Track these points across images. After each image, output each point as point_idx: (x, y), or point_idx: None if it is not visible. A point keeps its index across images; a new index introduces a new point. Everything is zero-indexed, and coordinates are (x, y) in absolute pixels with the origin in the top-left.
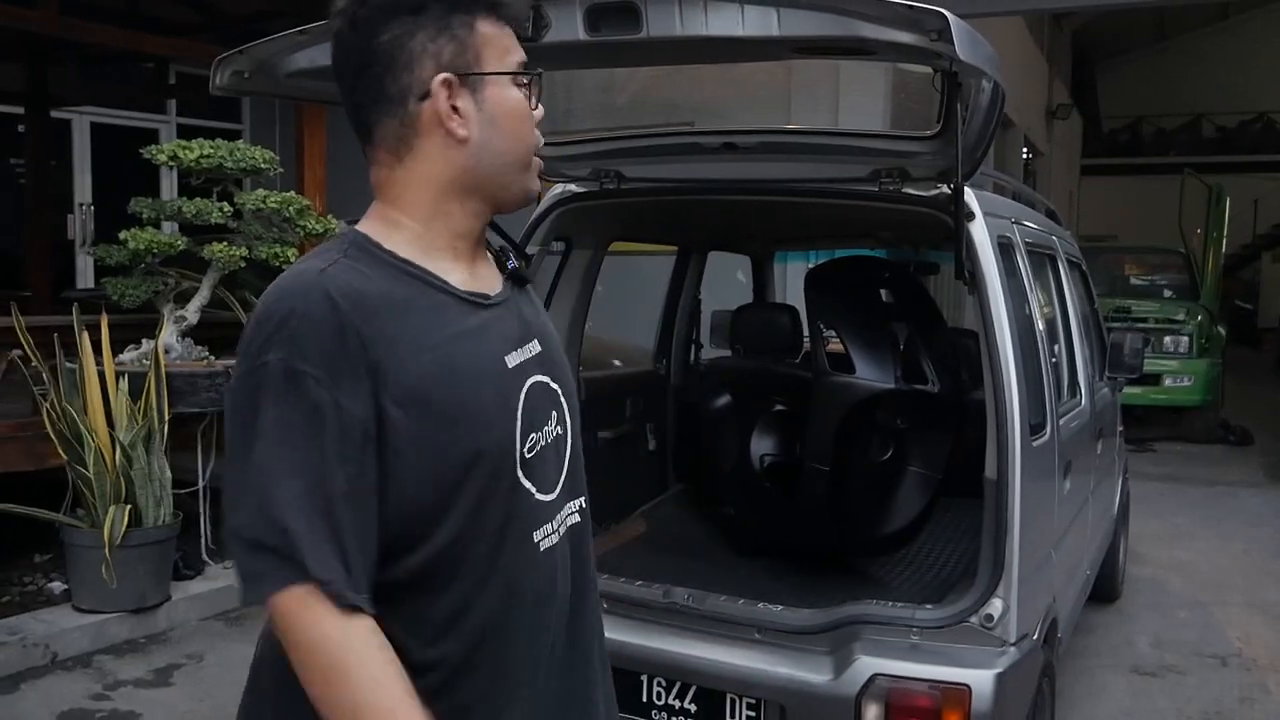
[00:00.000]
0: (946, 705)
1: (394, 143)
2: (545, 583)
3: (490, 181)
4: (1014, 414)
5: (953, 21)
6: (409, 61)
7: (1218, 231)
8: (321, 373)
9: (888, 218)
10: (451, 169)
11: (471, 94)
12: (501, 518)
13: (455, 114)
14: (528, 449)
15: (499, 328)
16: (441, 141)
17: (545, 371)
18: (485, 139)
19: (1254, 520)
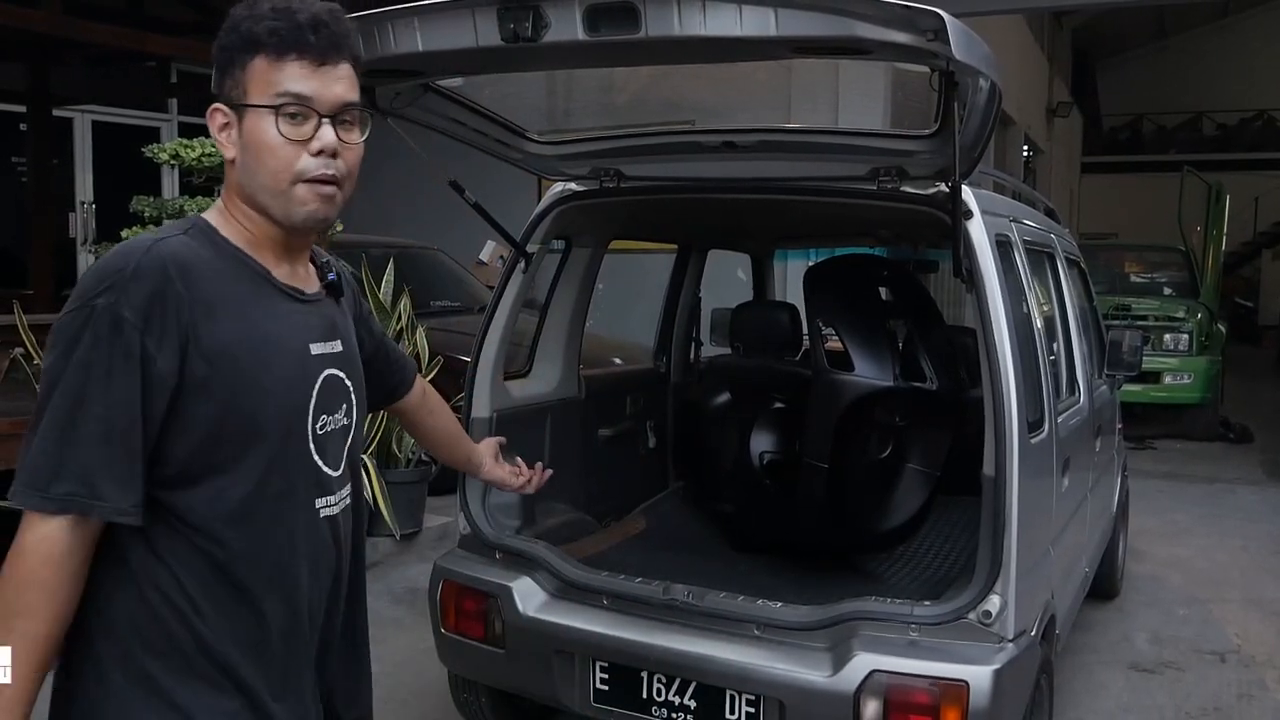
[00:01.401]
0: (945, 701)
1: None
2: (323, 546)
3: (254, 200)
4: (1012, 411)
5: (949, 21)
6: (217, 91)
7: (1217, 229)
8: (140, 321)
9: (886, 216)
10: (234, 183)
11: (238, 122)
12: (291, 477)
13: (225, 136)
14: (319, 427)
15: (308, 320)
16: (228, 160)
17: (342, 369)
18: (244, 162)
19: (1253, 517)
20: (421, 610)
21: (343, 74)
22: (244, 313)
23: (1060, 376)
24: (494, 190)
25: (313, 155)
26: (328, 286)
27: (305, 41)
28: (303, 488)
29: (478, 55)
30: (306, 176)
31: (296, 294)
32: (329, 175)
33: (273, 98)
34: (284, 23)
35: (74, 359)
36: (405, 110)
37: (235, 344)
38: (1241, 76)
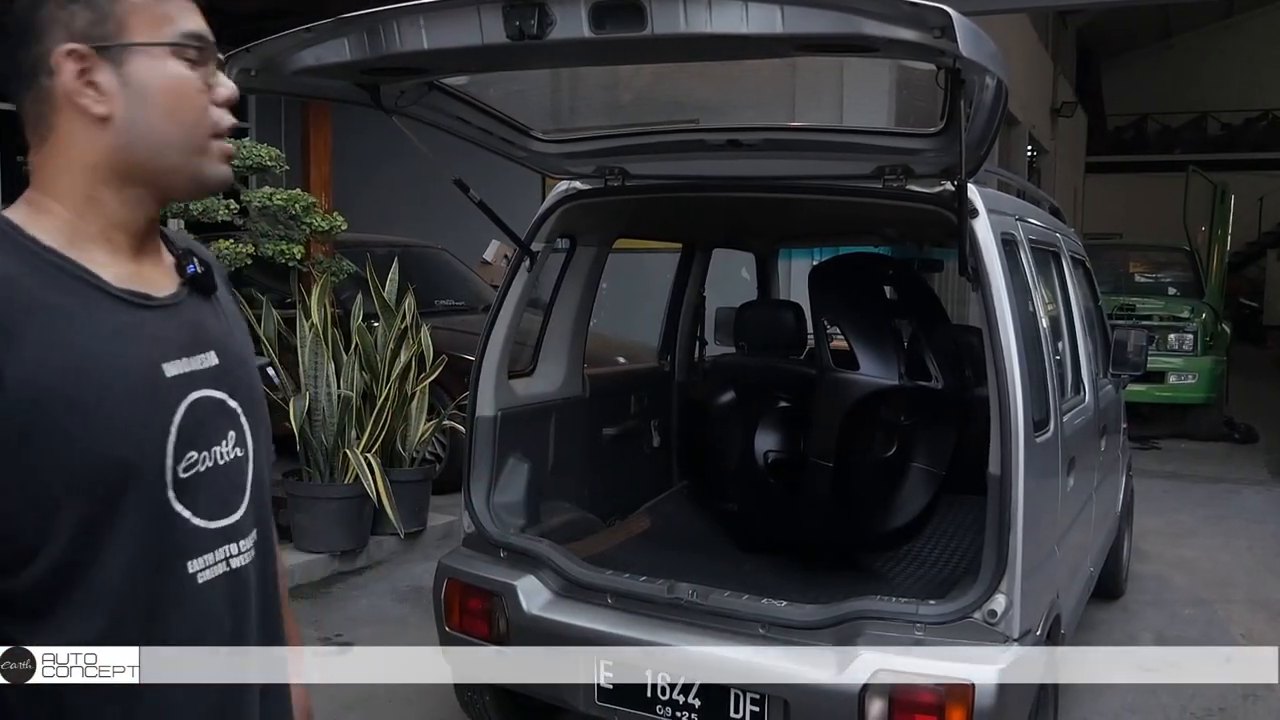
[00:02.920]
0: (950, 701)
1: (34, 122)
2: (203, 619)
3: (148, 165)
4: (1017, 410)
5: (956, 18)
6: (39, 32)
7: (1222, 229)
8: None
9: (892, 215)
10: (95, 151)
11: (115, 67)
12: (141, 542)
13: (91, 89)
14: (183, 468)
15: (159, 332)
16: (80, 121)
17: (222, 387)
18: (133, 117)
19: (1258, 518)
20: (425, 609)
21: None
22: (60, 338)
23: (1065, 376)
24: (498, 189)
25: (218, 105)
26: (190, 282)
27: None
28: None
29: (483, 53)
30: (220, 130)
31: (139, 300)
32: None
33: (175, 35)
34: None
35: None
36: (410, 109)
37: (49, 380)
38: (1246, 76)
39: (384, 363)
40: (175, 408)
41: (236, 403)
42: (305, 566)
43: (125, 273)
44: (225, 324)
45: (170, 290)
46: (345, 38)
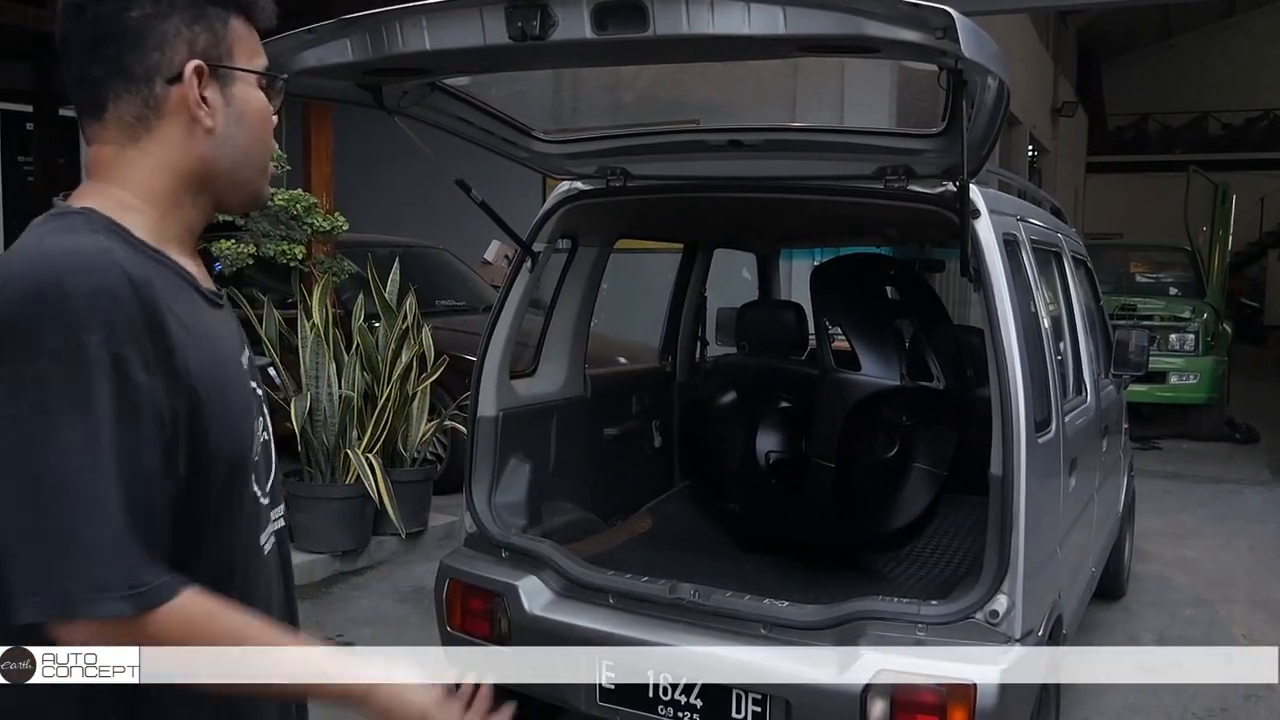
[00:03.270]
0: (952, 701)
1: (131, 122)
2: (266, 588)
3: (226, 178)
4: (1019, 411)
5: (958, 19)
6: (160, 42)
7: (1224, 229)
8: (138, 357)
9: (893, 215)
10: (190, 158)
11: (220, 87)
12: (241, 517)
13: (204, 103)
14: (255, 451)
15: (232, 326)
16: (185, 128)
17: (254, 376)
18: (229, 134)
19: (1259, 518)
20: (427, 609)
21: None
22: (196, 330)
23: (1067, 376)
24: (499, 189)
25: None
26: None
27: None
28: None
29: (485, 54)
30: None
31: (215, 298)
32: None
33: (261, 67)
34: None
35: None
36: (412, 109)
37: (200, 370)
38: (1247, 76)
39: (385, 363)
40: (254, 394)
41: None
42: (306, 566)
43: (196, 272)
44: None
45: (215, 289)
46: (348, 38)
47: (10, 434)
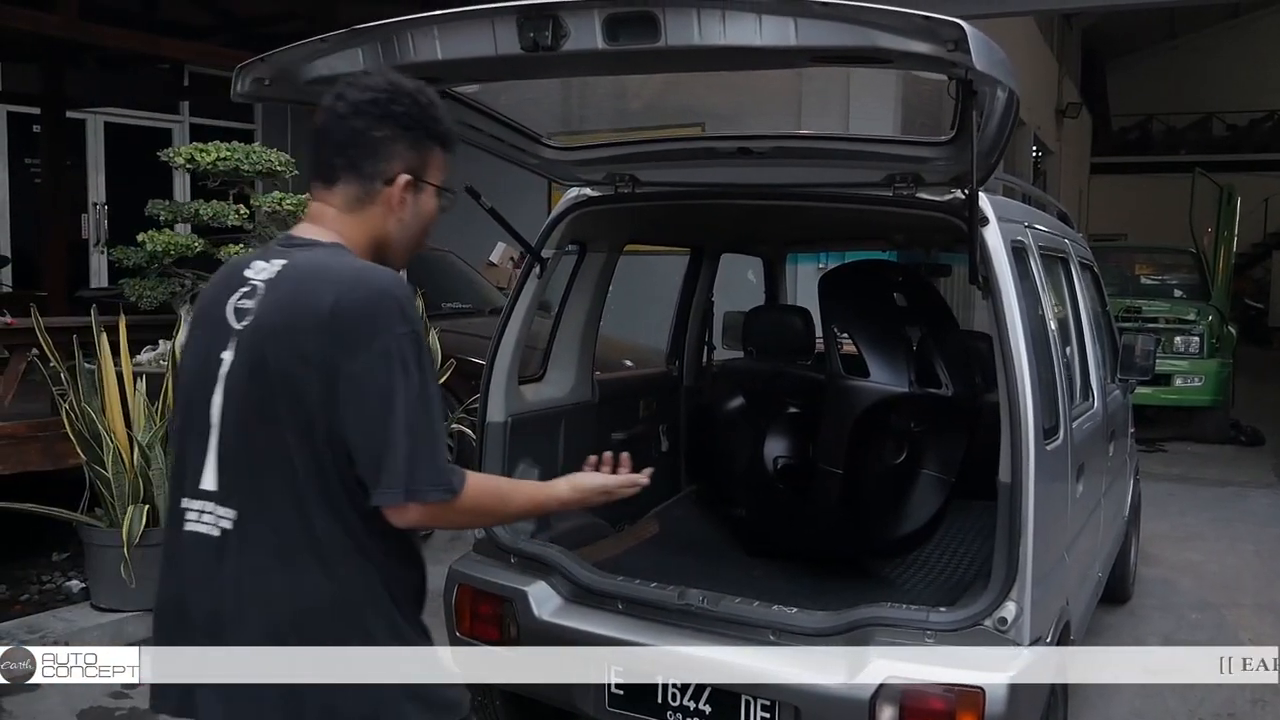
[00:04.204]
0: (960, 708)
1: (351, 199)
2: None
3: (394, 248)
4: (1028, 418)
5: (969, 31)
6: (388, 156)
7: (1229, 231)
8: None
9: (901, 222)
10: (380, 232)
11: (414, 193)
12: None
13: (403, 201)
14: None
15: None
16: (384, 214)
17: None
18: (408, 224)
19: (1265, 521)
20: (434, 613)
21: None
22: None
23: (1074, 382)
24: (503, 194)
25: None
26: None
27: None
28: None
29: (497, 64)
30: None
31: None
32: None
33: (443, 183)
34: (447, 125)
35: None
36: None
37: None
38: (1252, 77)
39: None
40: None
41: None
42: None
43: None
44: None
45: None
46: (359, 48)
47: (378, 382)
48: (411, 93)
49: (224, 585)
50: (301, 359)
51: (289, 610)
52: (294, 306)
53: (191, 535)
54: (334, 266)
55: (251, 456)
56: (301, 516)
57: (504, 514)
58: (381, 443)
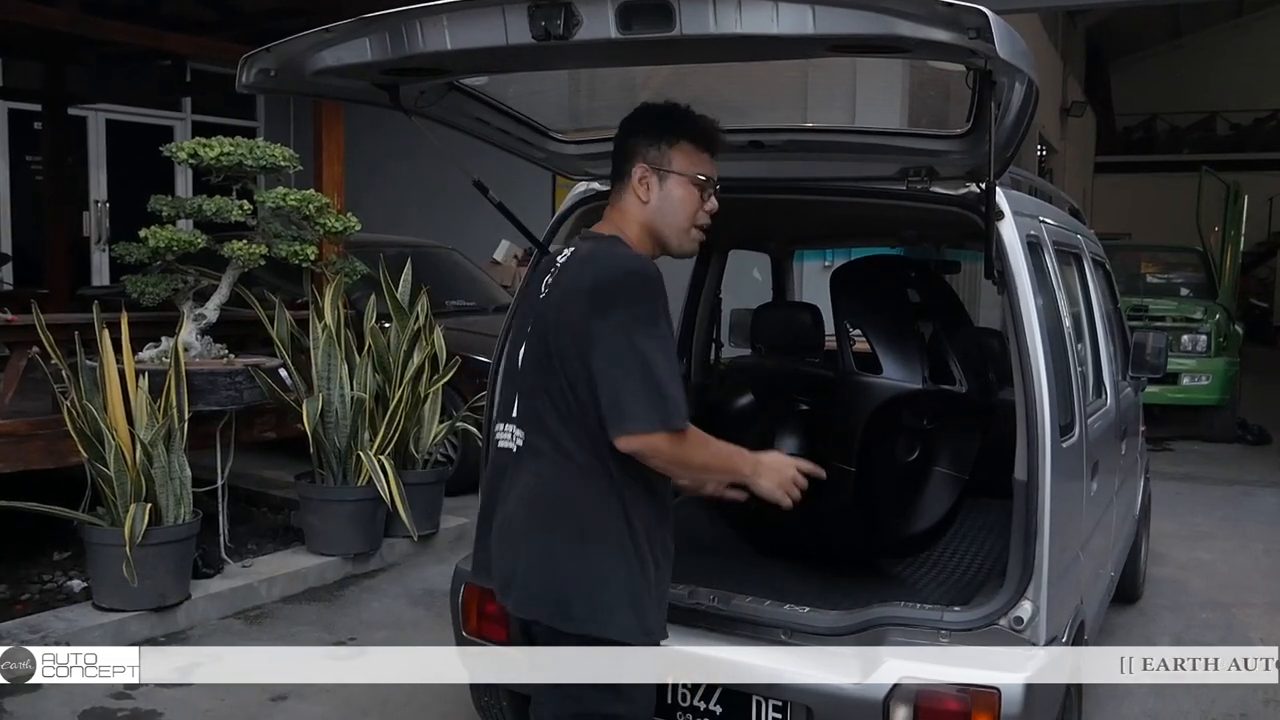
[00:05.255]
0: (976, 709)
1: (618, 194)
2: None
3: (658, 233)
4: (1045, 415)
5: (992, 19)
6: (631, 154)
7: (1235, 229)
8: (665, 309)
9: (914, 216)
10: (640, 217)
11: (659, 180)
12: None
13: (643, 187)
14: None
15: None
16: (635, 200)
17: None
18: (658, 206)
19: (1274, 520)
20: (439, 612)
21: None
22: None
23: (1088, 379)
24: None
25: (705, 212)
26: None
27: (714, 139)
28: None
29: (507, 54)
30: (698, 224)
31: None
32: (707, 224)
33: (694, 173)
34: (705, 127)
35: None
36: (429, 109)
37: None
38: (1256, 76)
39: (397, 364)
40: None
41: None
42: (318, 569)
43: None
44: None
45: None
46: (367, 38)
47: (630, 340)
48: (651, 105)
49: (513, 484)
50: (570, 323)
51: (544, 494)
52: (569, 283)
53: (500, 450)
54: (600, 253)
55: (534, 393)
56: (563, 439)
57: (705, 456)
58: (619, 387)
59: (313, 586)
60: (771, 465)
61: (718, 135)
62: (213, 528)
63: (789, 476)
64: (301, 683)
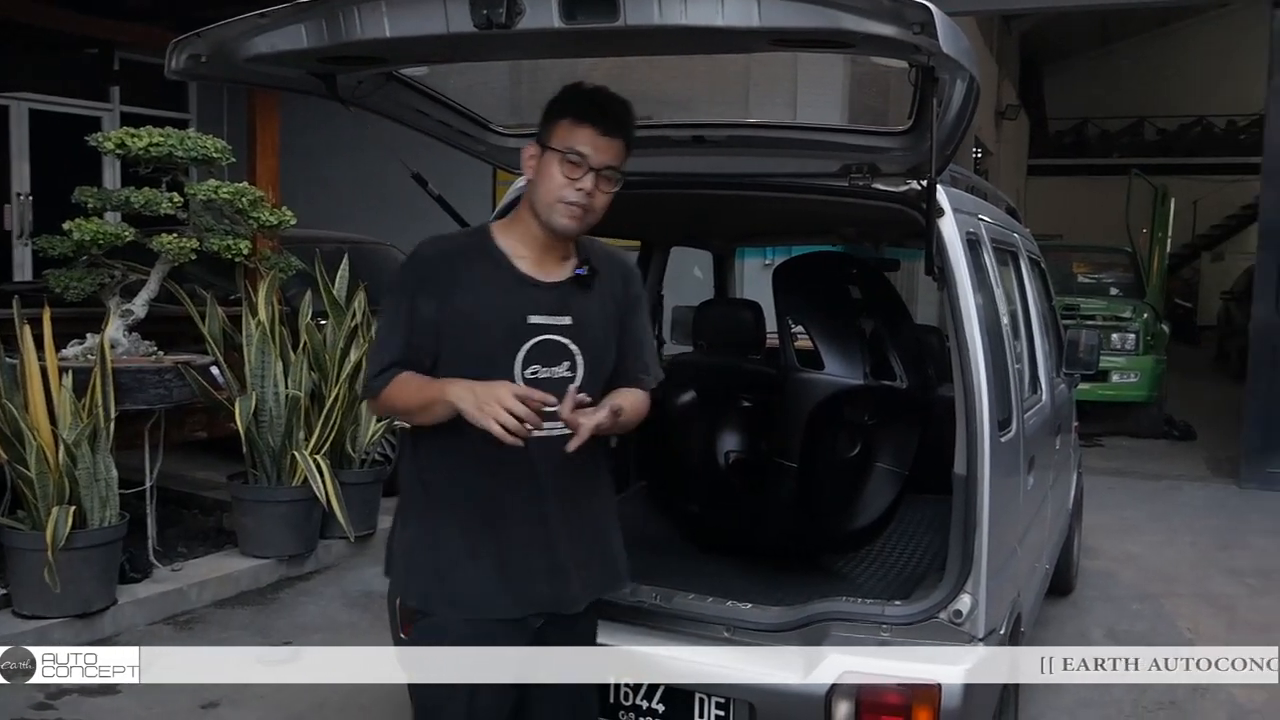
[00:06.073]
0: (916, 702)
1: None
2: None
3: (534, 209)
4: (984, 410)
5: (936, 15)
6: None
7: (1163, 231)
8: (412, 286)
9: (856, 213)
10: (529, 195)
11: (540, 157)
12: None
13: (530, 166)
14: (529, 372)
15: (536, 298)
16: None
17: (568, 336)
18: (535, 182)
19: (1199, 513)
20: (377, 614)
21: (614, 147)
22: (477, 287)
23: (1025, 375)
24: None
25: (576, 190)
26: (574, 280)
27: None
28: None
29: (448, 43)
30: (564, 200)
31: (530, 280)
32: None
33: (564, 147)
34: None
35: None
36: (367, 100)
37: (467, 306)
38: (1182, 83)
39: (333, 362)
40: (527, 337)
41: (576, 347)
42: (251, 572)
43: (529, 265)
44: (588, 304)
45: (557, 279)
46: (302, 24)
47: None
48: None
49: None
50: None
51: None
52: None
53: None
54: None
55: None
56: None
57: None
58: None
59: (245, 590)
60: (474, 389)
61: (608, 112)
62: (141, 531)
63: (493, 396)
64: (236, 683)
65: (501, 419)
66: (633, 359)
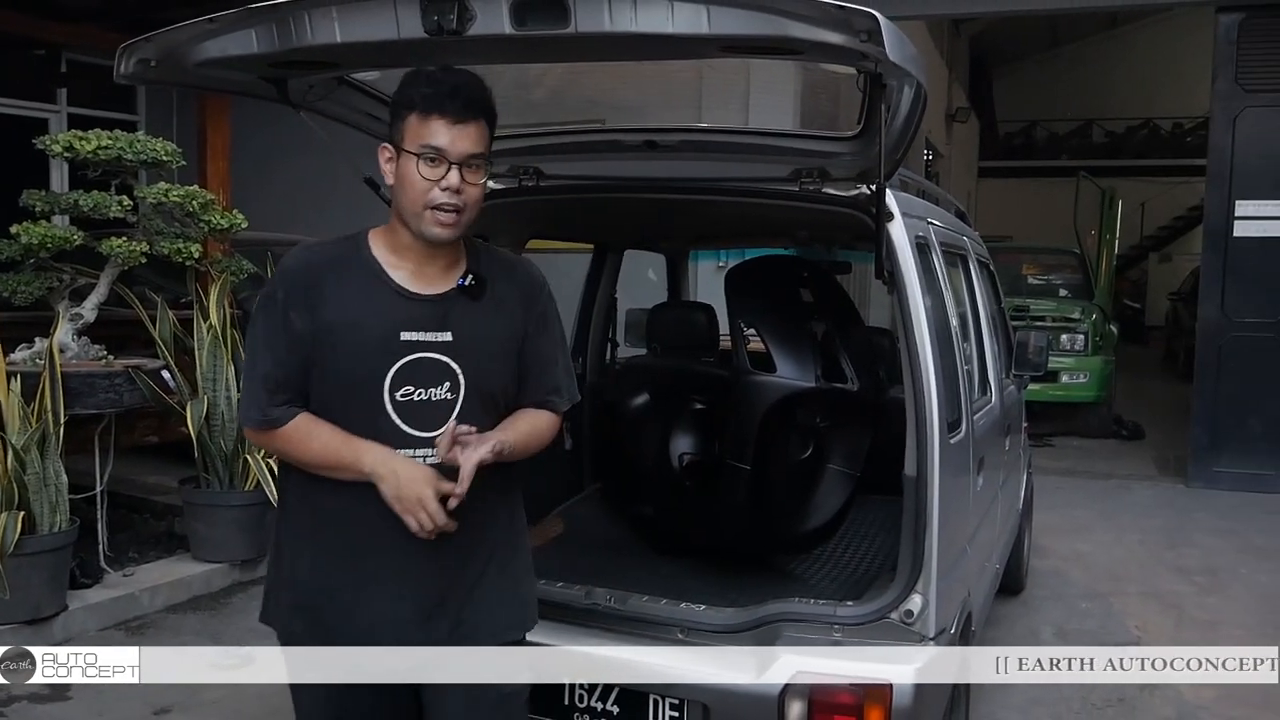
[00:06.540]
0: (868, 701)
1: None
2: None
3: (401, 217)
4: (933, 412)
5: (883, 23)
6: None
7: (1110, 233)
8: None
9: (807, 217)
10: (393, 202)
11: (396, 160)
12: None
13: (388, 171)
14: (400, 394)
15: (411, 312)
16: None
17: (449, 354)
18: (396, 188)
19: (1147, 512)
20: None
21: (471, 132)
22: (349, 302)
23: (974, 377)
24: None
25: (442, 191)
26: (459, 290)
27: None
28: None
29: (399, 48)
30: (431, 204)
31: (405, 293)
32: (452, 204)
33: (417, 147)
34: (432, 89)
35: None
36: (318, 104)
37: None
38: (1129, 86)
39: None
40: (399, 355)
41: (458, 366)
42: (204, 577)
43: (405, 275)
44: (477, 320)
45: (438, 291)
46: (253, 29)
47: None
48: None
49: None
50: None
51: None
52: None
53: None
54: None
55: None
56: None
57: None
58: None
59: (198, 595)
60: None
61: (457, 95)
62: (91, 536)
63: (415, 496)
64: (189, 682)
65: (420, 520)
66: (538, 378)
